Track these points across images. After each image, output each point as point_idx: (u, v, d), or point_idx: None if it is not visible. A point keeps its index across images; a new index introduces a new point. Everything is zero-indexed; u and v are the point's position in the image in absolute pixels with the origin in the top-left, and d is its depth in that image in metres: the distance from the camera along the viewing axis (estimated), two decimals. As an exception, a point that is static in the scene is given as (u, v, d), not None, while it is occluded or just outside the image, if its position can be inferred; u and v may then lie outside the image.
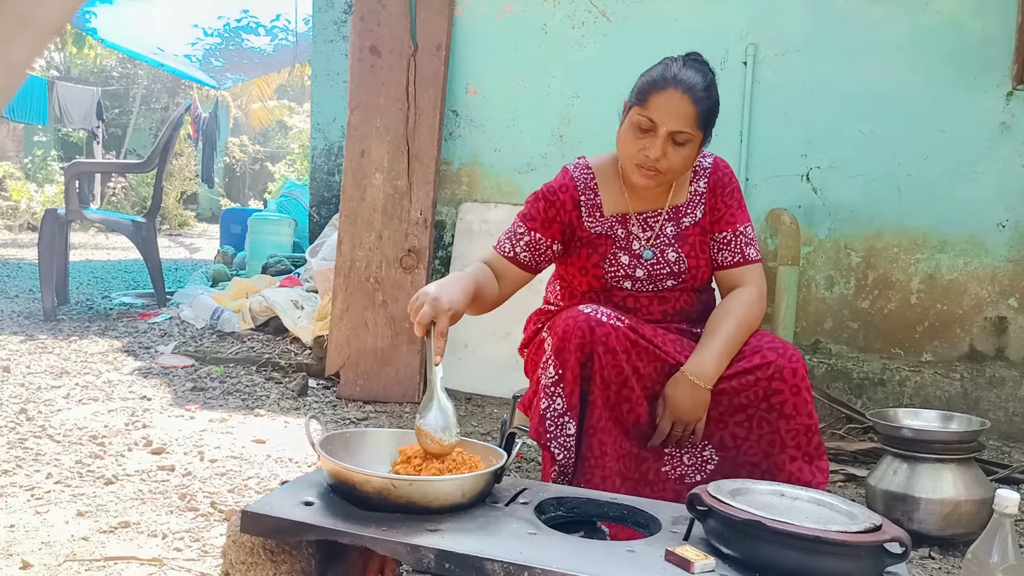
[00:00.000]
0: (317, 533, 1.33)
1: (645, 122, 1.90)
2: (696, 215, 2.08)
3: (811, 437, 1.88)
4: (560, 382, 1.83)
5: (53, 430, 2.87)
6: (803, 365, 1.89)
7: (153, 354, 4.16)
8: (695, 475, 1.94)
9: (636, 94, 1.95)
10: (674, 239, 2.05)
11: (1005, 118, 3.52)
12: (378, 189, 3.83)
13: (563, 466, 1.82)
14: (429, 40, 3.88)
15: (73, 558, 1.91)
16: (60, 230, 5.31)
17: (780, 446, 1.88)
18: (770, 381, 1.86)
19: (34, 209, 12.12)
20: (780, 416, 1.87)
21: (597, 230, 2.05)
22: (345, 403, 3.56)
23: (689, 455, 1.94)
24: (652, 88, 1.90)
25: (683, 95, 1.88)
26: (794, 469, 1.87)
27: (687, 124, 1.89)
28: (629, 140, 1.94)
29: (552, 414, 1.83)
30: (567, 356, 1.82)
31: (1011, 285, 3.57)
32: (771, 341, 1.94)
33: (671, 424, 1.87)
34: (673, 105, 1.88)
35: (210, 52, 9.58)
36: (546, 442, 1.82)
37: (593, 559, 1.26)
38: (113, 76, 18.26)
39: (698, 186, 2.09)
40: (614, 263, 2.03)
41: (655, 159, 1.90)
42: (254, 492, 2.43)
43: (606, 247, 2.04)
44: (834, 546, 1.22)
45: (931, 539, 2.28)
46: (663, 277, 2.03)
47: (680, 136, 1.90)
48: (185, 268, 8.54)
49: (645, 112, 1.90)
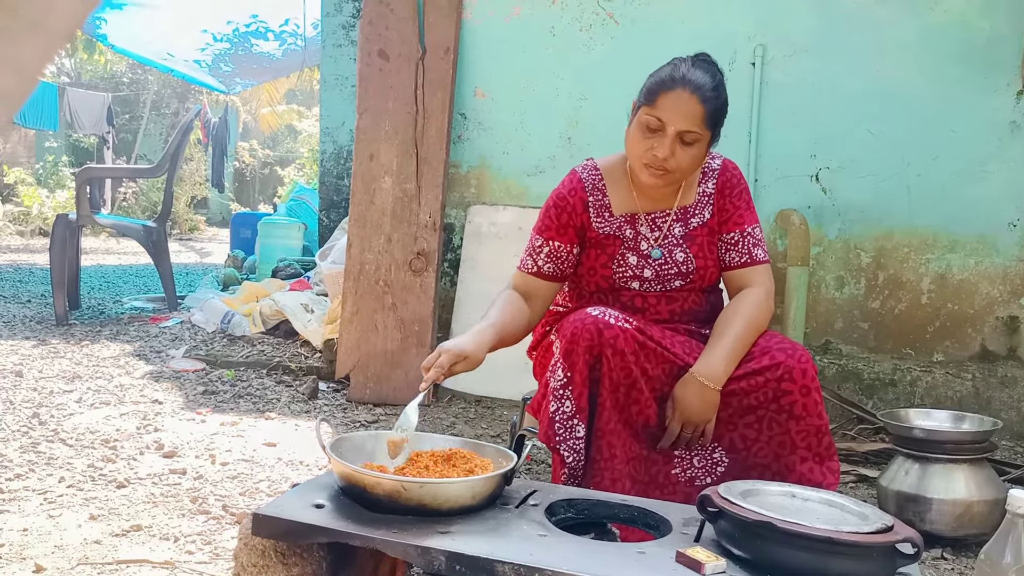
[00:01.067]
0: (328, 535, 1.33)
1: (653, 121, 1.91)
2: (704, 216, 2.08)
3: (821, 438, 1.87)
4: (569, 384, 1.83)
5: (65, 434, 2.89)
6: (812, 366, 1.89)
7: (164, 358, 4.18)
8: (705, 477, 1.93)
9: (645, 94, 1.96)
10: (682, 239, 2.05)
11: (1015, 117, 3.51)
12: (387, 192, 3.84)
13: (573, 469, 1.82)
14: (437, 43, 3.89)
15: (86, 561, 1.92)
16: (71, 235, 5.34)
17: (791, 447, 1.87)
18: (779, 382, 1.86)
19: (45, 214, 12.19)
20: (790, 417, 1.86)
21: (605, 230, 2.06)
22: (355, 406, 3.56)
23: (699, 457, 1.93)
24: (661, 88, 1.91)
25: (691, 95, 1.89)
26: (805, 470, 1.86)
27: (695, 124, 1.90)
28: (637, 139, 1.95)
29: (561, 417, 1.83)
30: (575, 359, 1.82)
31: (1022, 284, 3.55)
32: (780, 342, 1.93)
33: (681, 426, 1.87)
34: (681, 105, 1.89)
35: (219, 57, 9.61)
36: (556, 445, 1.82)
37: (604, 561, 1.26)
38: (123, 82, 18.36)
39: (706, 187, 2.09)
40: (622, 263, 2.03)
41: (663, 158, 1.91)
42: (265, 495, 2.43)
43: (614, 247, 2.04)
44: (846, 547, 1.22)
45: (943, 540, 2.27)
46: (671, 277, 2.03)
47: (688, 136, 1.91)
48: (196, 272, 8.57)
49: (653, 112, 1.91)
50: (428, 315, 3.72)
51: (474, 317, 3.82)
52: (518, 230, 3.82)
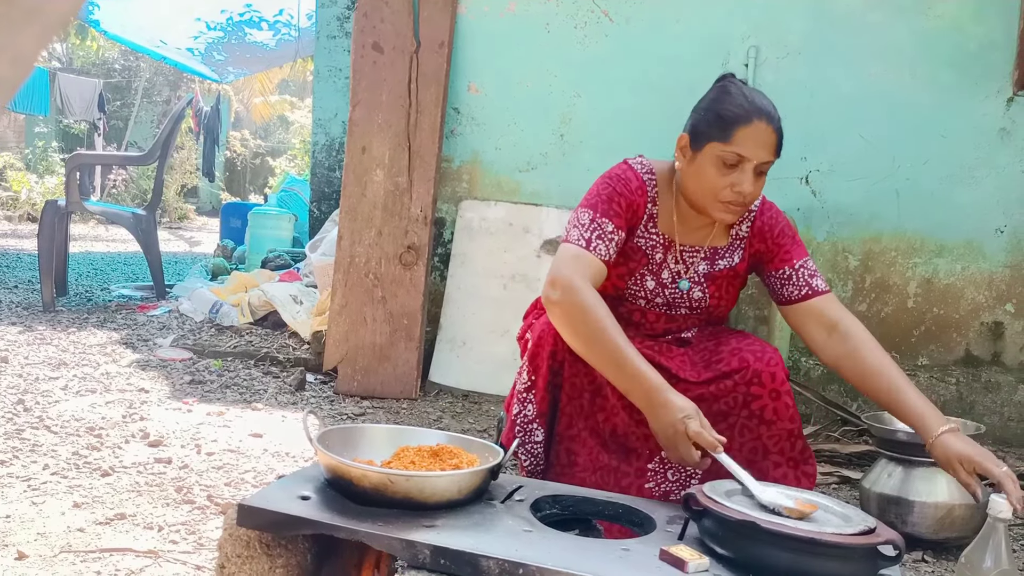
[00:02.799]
0: (313, 528, 1.34)
1: (732, 158, 1.80)
2: (733, 259, 2.01)
3: (794, 442, 1.85)
4: (532, 388, 1.84)
5: (50, 421, 2.88)
6: (782, 369, 1.85)
7: (151, 347, 4.17)
8: (679, 491, 1.89)
9: (717, 129, 1.82)
10: (704, 278, 1.99)
11: (1005, 124, 3.53)
12: (379, 185, 3.84)
13: (531, 472, 1.85)
14: (432, 37, 3.88)
15: (69, 549, 1.92)
16: (60, 221, 5.31)
17: (763, 452, 1.85)
18: (748, 386, 1.84)
19: (34, 200, 12.12)
20: (761, 422, 1.84)
21: (641, 243, 1.96)
22: (342, 398, 3.56)
23: (673, 471, 1.90)
24: (738, 122, 1.80)
25: (767, 125, 1.80)
26: (778, 476, 1.84)
27: (772, 154, 1.83)
28: (713, 177, 1.82)
29: (522, 420, 1.84)
30: (539, 363, 1.83)
31: (1008, 290, 3.57)
32: (751, 344, 1.90)
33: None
34: (761, 137, 1.80)
35: (212, 46, 9.57)
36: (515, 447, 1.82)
37: (588, 557, 1.26)
38: (115, 68, 18.24)
39: (740, 230, 2.01)
40: (638, 283, 1.97)
41: (748, 193, 1.81)
42: (251, 486, 2.43)
43: (638, 264, 1.96)
44: (828, 548, 1.23)
45: (924, 542, 2.28)
46: (679, 305, 1.99)
47: (764, 166, 1.83)
48: (185, 261, 8.54)
49: (731, 147, 1.79)
50: (417, 309, 3.72)
51: (463, 312, 3.83)
52: (509, 226, 3.82)
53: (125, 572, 1.83)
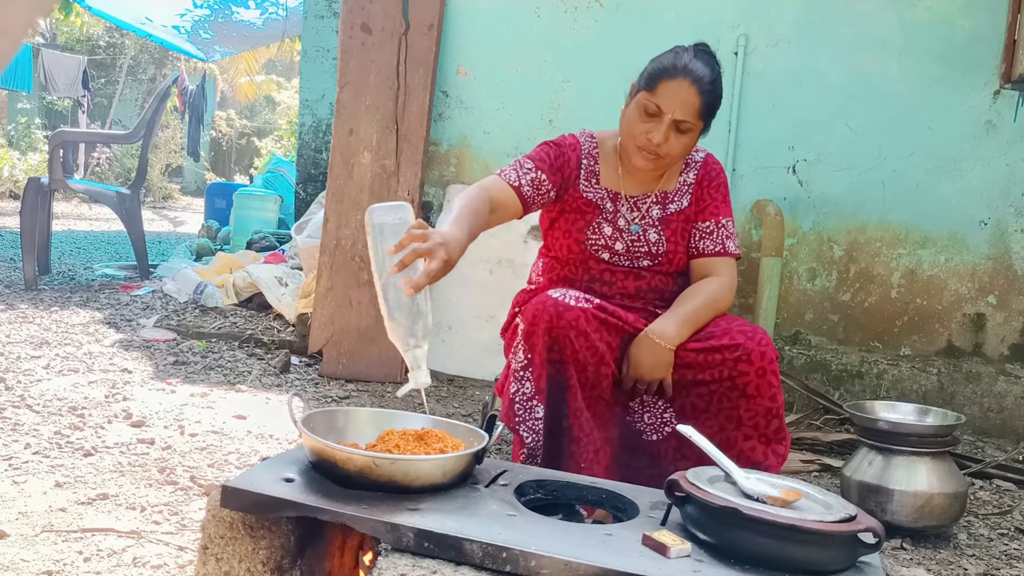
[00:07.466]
0: (297, 510, 1.34)
1: (651, 107, 1.96)
2: (682, 203, 2.13)
3: (770, 420, 1.90)
4: (529, 366, 1.86)
5: (32, 400, 2.86)
6: (772, 349, 1.91)
7: (135, 327, 4.15)
8: (652, 434, 2.00)
9: (645, 79, 2.00)
10: (658, 221, 2.11)
11: (991, 116, 3.55)
12: (366, 168, 3.82)
13: (532, 449, 1.86)
14: (421, 19, 3.86)
15: (50, 529, 1.91)
16: (43, 199, 5.26)
17: (736, 423, 1.91)
18: (736, 363, 1.89)
19: (16, 177, 12.01)
20: (741, 395, 1.90)
21: (589, 196, 2.12)
22: (327, 381, 3.56)
23: (650, 414, 2.00)
24: (662, 75, 1.96)
25: (691, 85, 1.94)
26: (746, 448, 1.90)
27: (691, 114, 1.95)
28: (634, 122, 2.00)
29: (521, 398, 1.86)
30: (535, 340, 1.84)
31: (990, 282, 3.60)
32: (741, 325, 1.97)
33: (633, 381, 1.94)
34: (680, 94, 1.94)
35: (199, 24, 9.46)
36: (515, 426, 1.87)
37: (571, 541, 1.27)
38: (100, 45, 18.03)
39: (687, 177, 2.16)
40: (596, 231, 2.09)
41: (657, 144, 1.96)
42: (234, 467, 2.43)
43: (592, 215, 2.10)
44: (809, 535, 1.24)
45: (903, 530, 2.31)
46: (640, 255, 2.08)
47: (683, 125, 1.97)
48: (169, 241, 8.49)
49: (653, 98, 1.96)
50: (403, 293, 3.71)
51: (449, 297, 3.83)
52: (496, 211, 3.81)
53: (107, 552, 1.82)
